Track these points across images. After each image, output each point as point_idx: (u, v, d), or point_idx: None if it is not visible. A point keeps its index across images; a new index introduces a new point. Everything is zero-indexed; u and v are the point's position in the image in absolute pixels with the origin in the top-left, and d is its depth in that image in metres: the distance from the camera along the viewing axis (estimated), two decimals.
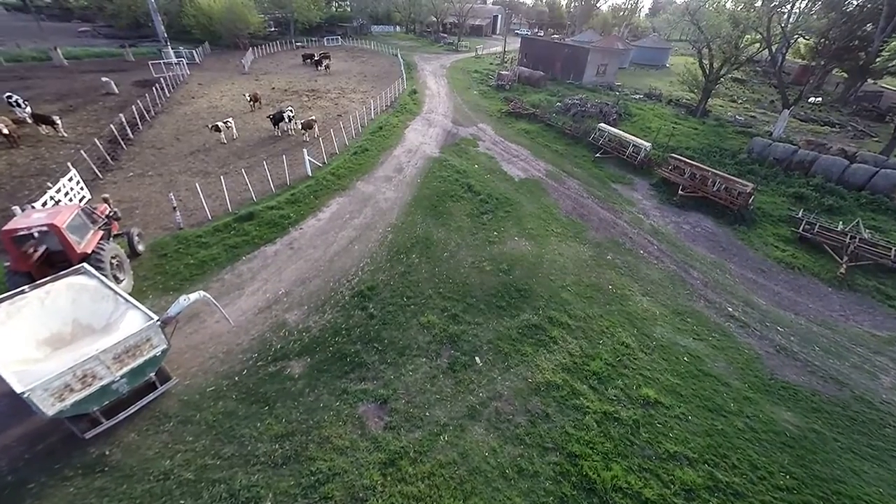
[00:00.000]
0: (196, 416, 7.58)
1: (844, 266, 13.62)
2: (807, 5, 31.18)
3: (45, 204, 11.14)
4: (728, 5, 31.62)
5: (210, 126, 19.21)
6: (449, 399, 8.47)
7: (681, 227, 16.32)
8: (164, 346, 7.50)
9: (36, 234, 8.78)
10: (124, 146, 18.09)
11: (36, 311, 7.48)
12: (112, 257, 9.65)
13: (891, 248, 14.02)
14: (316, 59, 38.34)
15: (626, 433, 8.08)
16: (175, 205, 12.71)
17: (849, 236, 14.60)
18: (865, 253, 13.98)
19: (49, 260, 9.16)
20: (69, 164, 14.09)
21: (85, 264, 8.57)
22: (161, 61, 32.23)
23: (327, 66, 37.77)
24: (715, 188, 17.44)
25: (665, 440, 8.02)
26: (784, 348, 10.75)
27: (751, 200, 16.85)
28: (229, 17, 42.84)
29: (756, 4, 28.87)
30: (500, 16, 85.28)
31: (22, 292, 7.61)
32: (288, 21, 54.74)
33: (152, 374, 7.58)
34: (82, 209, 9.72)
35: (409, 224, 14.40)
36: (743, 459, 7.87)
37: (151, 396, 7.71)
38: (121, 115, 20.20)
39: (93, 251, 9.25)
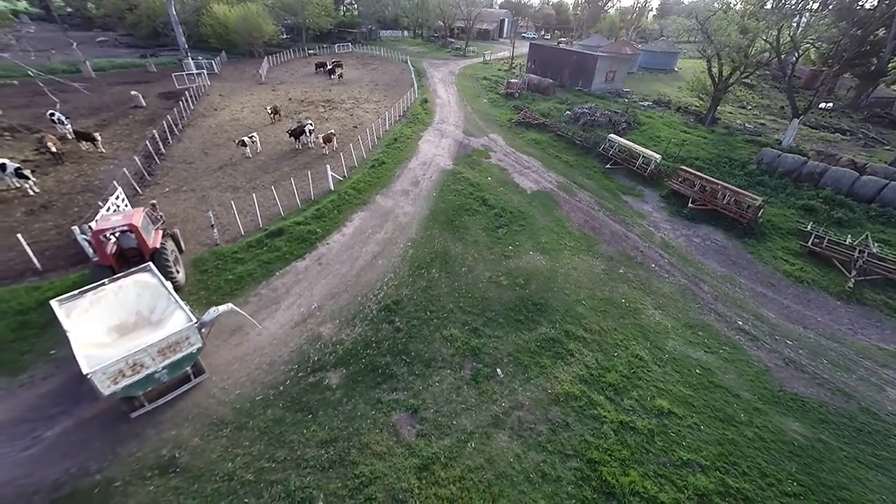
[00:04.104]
0: (249, 422, 8.38)
1: (853, 280, 14.01)
2: (817, 10, 31.23)
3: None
4: (737, 7, 31.73)
5: (237, 141, 20.18)
6: (474, 408, 9.15)
7: (691, 241, 16.80)
8: (200, 345, 8.52)
9: (118, 234, 10.41)
10: (158, 161, 19.12)
11: (111, 301, 8.79)
12: (171, 251, 11.18)
13: None
14: (329, 67, 39.32)
15: (642, 441, 8.69)
16: (213, 222, 13.59)
17: (857, 250, 14.96)
18: (874, 267, 14.35)
19: (123, 255, 10.76)
20: (115, 182, 15.08)
21: (150, 263, 9.88)
22: (183, 72, 33.43)
23: (340, 75, 38.71)
24: (725, 201, 17.86)
25: (679, 448, 8.62)
26: (793, 361, 11.24)
27: (760, 213, 17.25)
28: (245, 27, 44.09)
29: (766, 6, 28.95)
30: (507, 20, 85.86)
31: (102, 284, 8.92)
32: (299, 28, 55.92)
33: (188, 368, 8.65)
34: (146, 212, 11.26)
35: (428, 239, 15.11)
36: (753, 467, 8.42)
37: (187, 387, 8.80)
38: (153, 130, 21.26)
39: (160, 245, 10.82)
